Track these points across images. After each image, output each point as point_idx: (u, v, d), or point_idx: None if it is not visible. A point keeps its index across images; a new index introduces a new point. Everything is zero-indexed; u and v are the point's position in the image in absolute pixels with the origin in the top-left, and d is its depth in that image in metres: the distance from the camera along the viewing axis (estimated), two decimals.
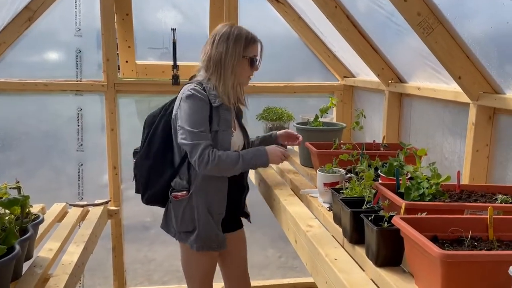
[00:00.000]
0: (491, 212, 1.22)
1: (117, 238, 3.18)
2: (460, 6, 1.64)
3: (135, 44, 3.12)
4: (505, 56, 1.61)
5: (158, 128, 2.03)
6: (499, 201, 1.46)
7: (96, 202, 2.95)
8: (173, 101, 2.05)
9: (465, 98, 1.89)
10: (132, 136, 3.21)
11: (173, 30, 3.05)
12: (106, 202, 2.98)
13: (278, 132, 2.30)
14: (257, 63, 2.06)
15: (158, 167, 2.02)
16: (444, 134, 2.19)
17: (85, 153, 3.12)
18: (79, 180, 3.12)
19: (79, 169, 3.11)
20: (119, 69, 3.09)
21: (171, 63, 3.10)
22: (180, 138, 1.90)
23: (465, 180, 1.88)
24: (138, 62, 3.16)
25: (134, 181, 2.11)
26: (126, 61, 3.12)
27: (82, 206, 2.87)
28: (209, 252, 2.02)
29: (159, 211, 3.52)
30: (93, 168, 3.17)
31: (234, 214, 2.16)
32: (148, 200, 2.08)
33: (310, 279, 3.45)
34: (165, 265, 3.50)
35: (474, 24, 1.65)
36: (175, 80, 3.03)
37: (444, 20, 1.74)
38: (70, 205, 2.90)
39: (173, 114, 1.98)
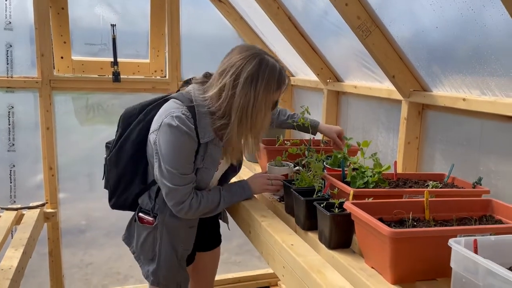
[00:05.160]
0: (427, 195, 1.38)
1: (54, 242, 3.04)
2: (394, 10, 1.81)
3: (71, 40, 3.01)
4: (432, 57, 1.81)
5: (132, 134, 1.75)
6: (430, 187, 1.65)
7: (31, 204, 2.80)
8: (156, 105, 1.76)
9: (397, 96, 2.08)
10: (69, 135, 3.10)
11: (113, 26, 2.98)
12: (43, 205, 2.84)
13: (327, 127, 2.19)
14: (277, 104, 1.76)
15: (127, 179, 1.79)
16: (379, 129, 2.38)
17: (17, 154, 2.94)
18: (10, 182, 2.93)
19: (10, 170, 2.93)
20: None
21: (110, 59, 3.03)
22: (158, 173, 1.64)
23: (399, 170, 2.06)
24: (74, 58, 3.04)
25: (103, 178, 1.89)
26: (62, 57, 3.00)
27: (16, 209, 2.71)
28: None
29: (95, 213, 3.48)
30: (26, 169, 3.00)
31: (211, 231, 2.09)
32: (115, 206, 1.87)
33: (253, 272, 3.56)
34: (103, 268, 3.40)
35: (406, 27, 1.82)
36: (116, 77, 2.97)
37: (380, 24, 1.91)
38: (2, 208, 2.73)
39: (152, 134, 1.67)
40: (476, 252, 1.02)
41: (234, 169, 1.91)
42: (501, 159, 1.67)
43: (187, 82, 1.83)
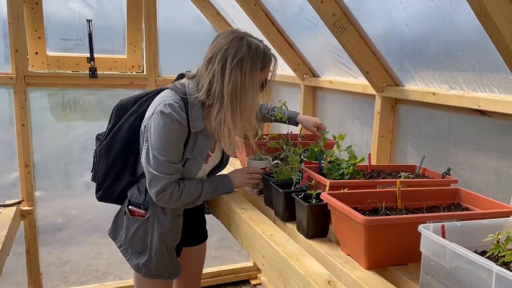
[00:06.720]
0: (399, 185, 1.44)
1: (32, 240, 3.00)
2: (367, 7, 1.87)
3: (45, 35, 2.96)
4: (404, 53, 1.88)
5: (124, 125, 1.77)
6: (402, 177, 1.72)
7: (7, 202, 2.76)
8: (150, 97, 1.78)
9: (371, 91, 2.15)
10: (44, 132, 3.06)
11: (89, 21, 2.95)
12: (19, 202, 2.80)
13: (305, 119, 2.22)
14: (268, 83, 1.76)
15: (116, 170, 1.81)
16: (354, 123, 2.45)
17: None
18: None
19: None
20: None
21: (86, 55, 3.00)
22: (144, 159, 1.67)
23: (373, 162, 2.14)
24: (49, 53, 3.00)
25: (92, 170, 1.89)
26: (36, 53, 2.95)
27: None
28: (158, 280, 1.84)
29: (71, 211, 3.44)
30: (1, 166, 2.95)
31: (198, 227, 2.11)
32: (101, 198, 1.88)
33: (232, 266, 3.61)
34: (82, 265, 3.39)
35: (379, 25, 1.89)
36: (92, 72, 2.94)
37: (354, 21, 1.97)
38: None
39: (144, 122, 1.71)
40: (443, 236, 1.09)
41: (220, 164, 1.94)
42: (468, 150, 1.75)
43: (181, 77, 1.86)
